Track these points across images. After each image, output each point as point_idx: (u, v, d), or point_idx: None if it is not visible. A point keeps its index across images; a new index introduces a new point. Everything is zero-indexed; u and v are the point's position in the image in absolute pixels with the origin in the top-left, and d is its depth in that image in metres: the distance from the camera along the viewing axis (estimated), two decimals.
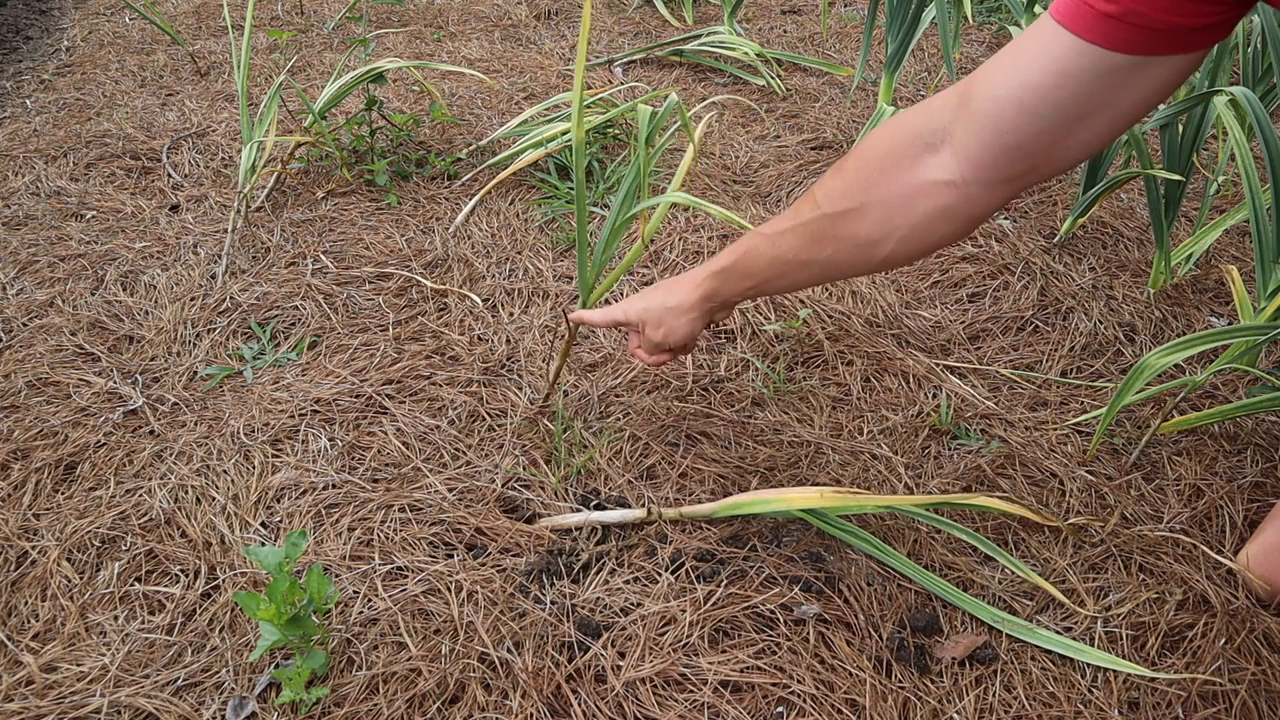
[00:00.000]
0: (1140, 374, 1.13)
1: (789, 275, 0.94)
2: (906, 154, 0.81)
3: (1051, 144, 0.73)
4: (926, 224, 0.82)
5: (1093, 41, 0.67)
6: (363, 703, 0.90)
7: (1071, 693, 0.92)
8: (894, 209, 0.82)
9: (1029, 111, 0.72)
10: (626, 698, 0.90)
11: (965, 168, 0.77)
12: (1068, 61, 0.69)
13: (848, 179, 0.86)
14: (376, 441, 1.21)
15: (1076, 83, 0.69)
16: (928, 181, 0.79)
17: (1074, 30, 0.67)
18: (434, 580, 1.02)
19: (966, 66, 2.42)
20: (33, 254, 1.60)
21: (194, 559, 1.05)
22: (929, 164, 0.79)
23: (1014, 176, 0.77)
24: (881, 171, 0.83)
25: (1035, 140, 0.73)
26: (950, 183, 0.78)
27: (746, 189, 1.82)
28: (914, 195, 0.81)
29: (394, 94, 2.22)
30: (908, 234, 0.83)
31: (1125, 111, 0.71)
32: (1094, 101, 0.70)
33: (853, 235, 0.86)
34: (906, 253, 0.85)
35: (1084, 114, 0.71)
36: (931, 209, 0.81)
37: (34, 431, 1.23)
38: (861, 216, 0.85)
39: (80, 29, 2.69)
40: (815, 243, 0.89)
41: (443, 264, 1.58)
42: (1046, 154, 0.74)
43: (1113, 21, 0.65)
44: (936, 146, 0.79)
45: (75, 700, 0.90)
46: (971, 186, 0.78)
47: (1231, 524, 1.10)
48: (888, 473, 1.17)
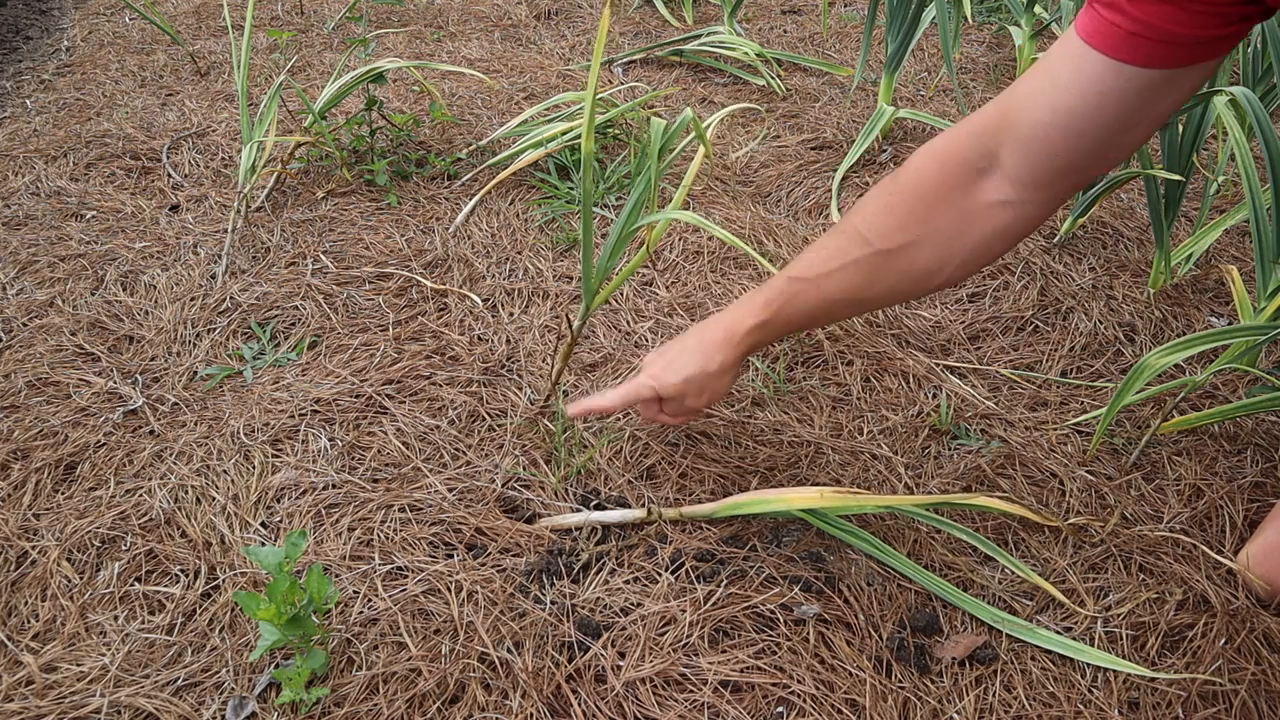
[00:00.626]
0: (1140, 374, 1.13)
1: (837, 313, 0.95)
2: (959, 182, 0.82)
3: (1097, 157, 0.76)
4: (985, 245, 0.84)
5: (1127, 62, 0.69)
6: (363, 703, 0.90)
7: (1071, 693, 0.92)
8: (953, 236, 0.84)
9: (1076, 134, 0.74)
10: (626, 698, 0.90)
11: (1018, 188, 0.79)
12: (1106, 83, 0.71)
13: (899, 214, 0.86)
14: (376, 441, 1.21)
15: (1117, 102, 0.71)
16: (985, 204, 0.81)
17: (1106, 52, 0.69)
18: (434, 580, 1.02)
19: (966, 67, 2.42)
20: (33, 254, 1.60)
21: (194, 559, 1.05)
22: (983, 188, 0.81)
23: (1064, 191, 0.81)
24: (937, 201, 0.84)
25: (1083, 158, 0.76)
26: (1007, 202, 0.81)
27: (746, 189, 1.82)
28: (974, 220, 0.82)
29: (394, 94, 2.22)
30: (967, 257, 0.85)
31: (1163, 115, 0.74)
32: (1135, 116, 0.72)
33: (910, 269, 0.86)
34: (962, 275, 0.87)
35: (1126, 127, 0.73)
36: (991, 230, 0.82)
37: (34, 431, 1.23)
38: (918, 249, 0.85)
39: (80, 29, 2.69)
40: (868, 280, 0.89)
41: (443, 264, 1.58)
42: (1093, 166, 0.78)
43: (1144, 40, 0.67)
44: (987, 171, 0.80)
45: (75, 700, 0.90)
46: (1026, 205, 0.80)
47: (1231, 524, 1.10)
48: (888, 473, 1.17)
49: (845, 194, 1.79)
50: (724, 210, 1.72)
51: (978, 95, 2.23)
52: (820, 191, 1.81)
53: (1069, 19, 2.31)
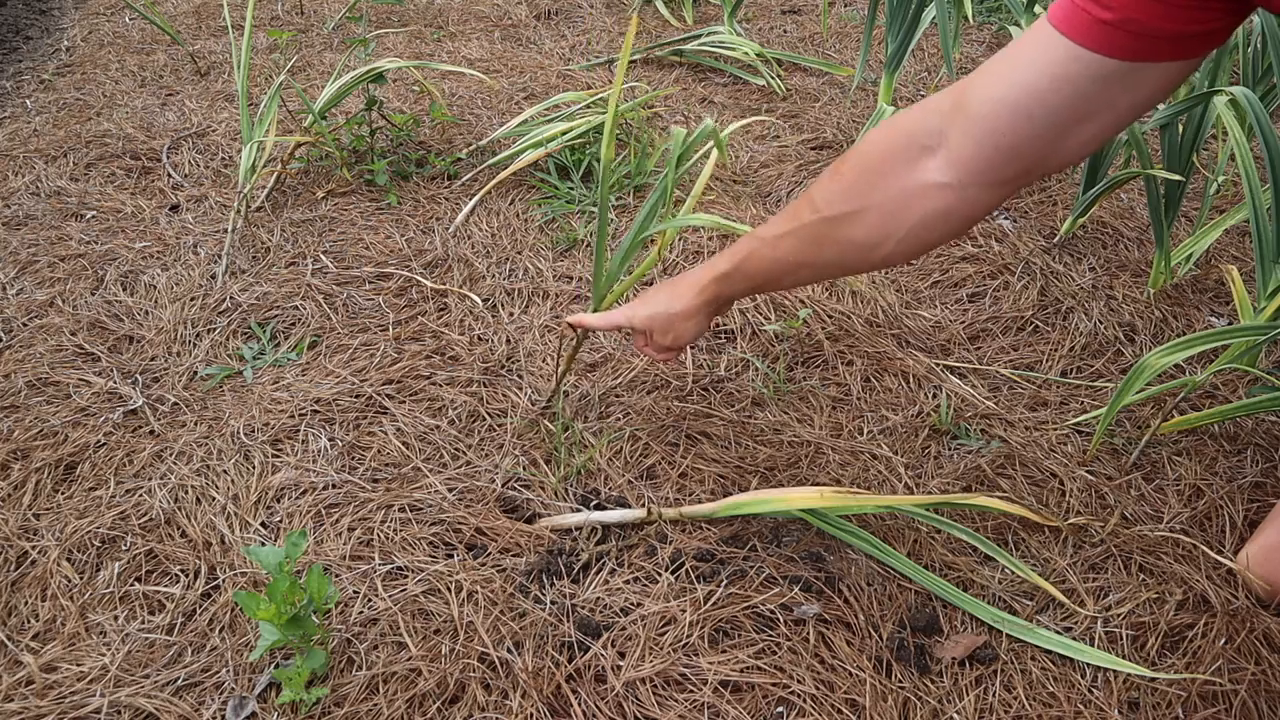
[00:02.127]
0: (1140, 374, 1.13)
1: (790, 275, 0.97)
2: (903, 157, 0.81)
3: (1047, 146, 0.74)
4: (924, 225, 0.83)
5: (1089, 48, 0.67)
6: (363, 703, 0.90)
7: (1071, 693, 0.92)
8: (892, 212, 0.83)
9: (1024, 115, 0.72)
10: (626, 698, 0.90)
11: (961, 171, 0.78)
12: (1064, 66, 0.69)
13: (845, 182, 0.87)
14: (376, 441, 1.21)
15: (1072, 87, 0.70)
16: (925, 184, 0.80)
17: (1071, 36, 0.68)
18: (434, 580, 1.02)
19: (966, 66, 2.42)
20: (33, 254, 1.60)
21: (194, 559, 1.05)
22: (926, 166, 0.80)
23: (1009, 178, 0.78)
24: (879, 174, 0.83)
25: (1030, 143, 0.74)
26: (947, 185, 0.79)
27: (746, 189, 1.82)
28: (911, 198, 0.81)
29: (394, 94, 2.22)
30: (905, 235, 0.84)
31: (1122, 114, 0.72)
32: (1090, 105, 0.70)
33: (851, 238, 0.87)
34: (905, 252, 0.86)
35: (1080, 117, 0.72)
36: (929, 211, 0.81)
37: (34, 431, 1.23)
38: (860, 220, 0.86)
39: (80, 29, 2.69)
40: (814, 246, 0.90)
41: (443, 264, 1.58)
42: (1042, 156, 0.75)
43: (1110, 28, 0.66)
44: (932, 149, 0.79)
45: (75, 700, 0.90)
46: (968, 189, 0.79)
47: (1231, 524, 1.10)
48: (888, 473, 1.17)
49: None
50: (724, 210, 1.72)
51: None
52: None
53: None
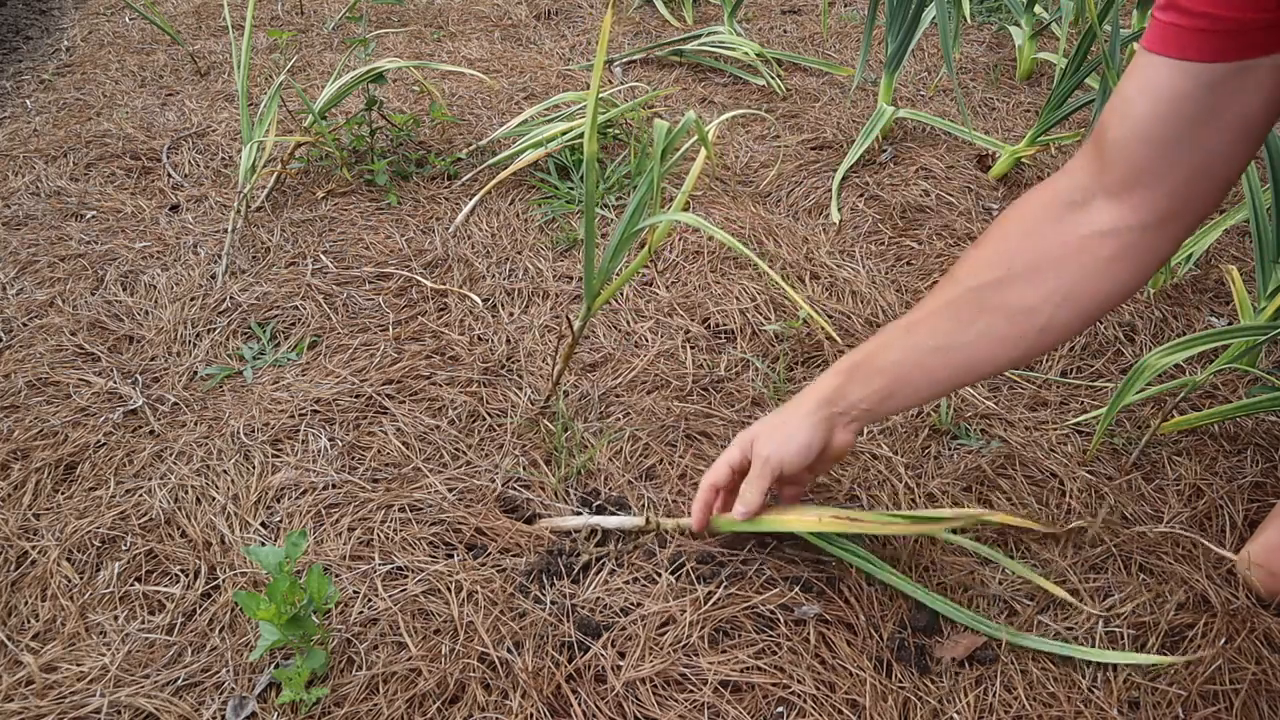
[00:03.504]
0: (1140, 374, 1.13)
1: (927, 369, 0.85)
2: (1050, 214, 0.78)
3: (1191, 172, 0.72)
4: (1087, 279, 0.78)
5: (1190, 59, 0.68)
6: (363, 703, 0.90)
7: (1071, 692, 0.92)
8: (1048, 271, 0.78)
9: (1155, 143, 0.71)
10: (626, 698, 0.90)
11: (1120, 213, 0.75)
12: (1172, 85, 0.69)
13: (989, 250, 0.82)
14: (376, 441, 1.21)
15: (1189, 102, 0.69)
16: (1081, 236, 0.77)
17: (1169, 54, 0.68)
18: (434, 580, 1.02)
19: (966, 67, 2.42)
20: (33, 254, 1.60)
21: (194, 559, 1.05)
22: (1079, 220, 0.77)
23: (1167, 217, 0.75)
24: (1027, 236, 0.79)
25: (1173, 171, 0.72)
26: (1106, 232, 0.76)
27: (746, 189, 1.82)
28: (1068, 253, 0.77)
29: (394, 94, 2.22)
30: (1066, 296, 0.78)
31: (1248, 123, 0.70)
32: (1211, 117, 0.70)
33: (1003, 304, 0.80)
34: (1067, 319, 0.80)
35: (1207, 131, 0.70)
36: (1090, 263, 0.77)
37: (34, 431, 1.23)
38: (1011, 283, 0.80)
39: (80, 29, 2.69)
40: (960, 321, 0.82)
41: (443, 264, 1.58)
42: (1190, 184, 0.73)
43: (1201, 34, 0.66)
44: (1082, 203, 0.77)
45: (75, 700, 0.90)
46: (1130, 232, 0.75)
47: (1231, 524, 1.10)
48: (888, 472, 1.17)
49: (845, 194, 1.79)
50: (724, 210, 1.72)
51: (978, 95, 2.23)
52: (820, 191, 1.81)
53: (1069, 19, 2.31)
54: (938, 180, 1.82)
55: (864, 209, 1.75)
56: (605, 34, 0.96)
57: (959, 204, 1.75)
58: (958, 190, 1.79)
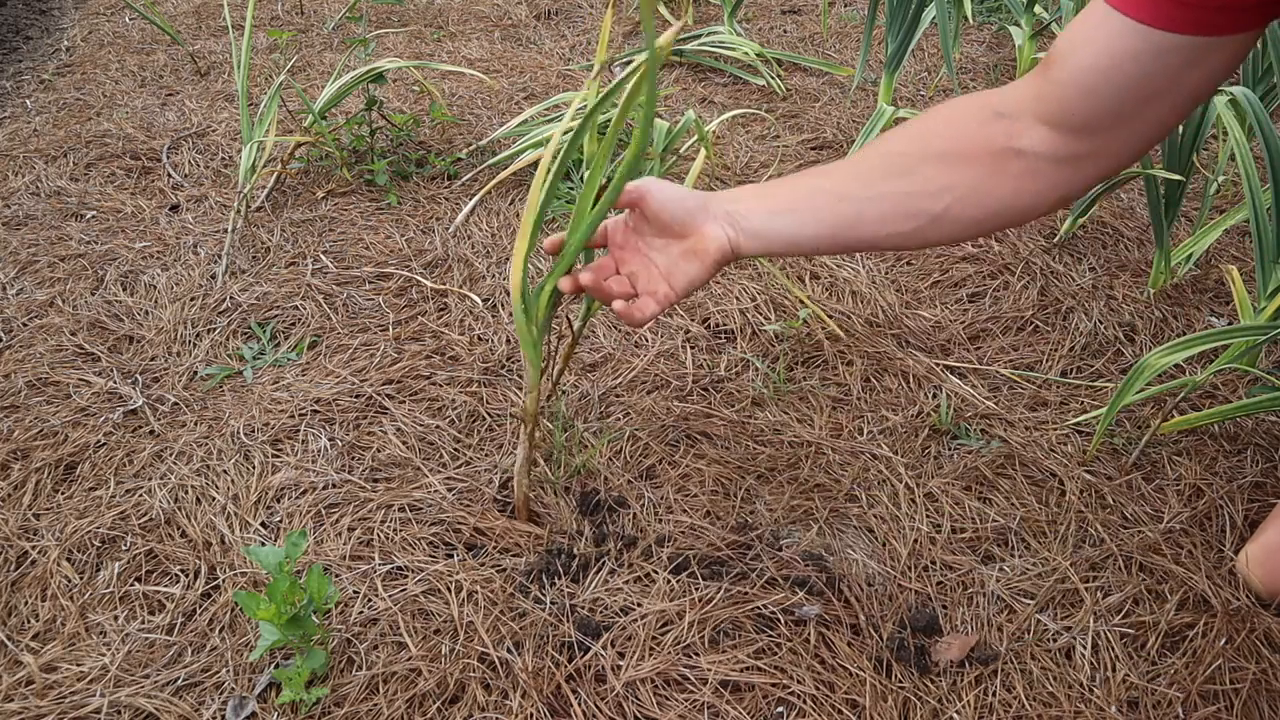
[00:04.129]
0: (1140, 374, 1.13)
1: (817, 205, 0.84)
2: (978, 116, 0.79)
3: (1116, 123, 0.73)
4: (992, 186, 0.79)
5: (1146, 23, 0.67)
6: (363, 703, 0.90)
7: (1071, 692, 0.92)
8: (959, 162, 0.79)
9: (1091, 93, 0.72)
10: (626, 698, 0.90)
11: (1040, 139, 0.76)
12: (1122, 42, 0.69)
13: (914, 128, 0.83)
14: (376, 441, 1.21)
15: (1135, 64, 0.69)
16: (998, 145, 0.77)
17: (1127, 12, 0.68)
18: (434, 580, 1.02)
19: (966, 67, 2.42)
20: (33, 254, 1.60)
21: (194, 559, 1.05)
22: (1002, 129, 0.77)
23: (1082, 156, 0.76)
24: (949, 124, 0.80)
25: (1100, 119, 0.73)
26: (1022, 151, 0.76)
27: None
28: (982, 153, 0.78)
29: (394, 94, 2.22)
30: (970, 191, 0.79)
31: (1186, 95, 0.71)
32: (1154, 82, 0.70)
33: (911, 175, 0.81)
34: (960, 216, 0.80)
35: (1146, 94, 0.71)
36: (999, 170, 0.78)
37: (34, 431, 1.23)
38: (924, 160, 0.80)
39: (80, 29, 2.69)
40: (864, 177, 0.83)
41: (443, 264, 1.58)
42: (1111, 132, 0.74)
43: (1172, 4, 0.66)
44: (1010, 116, 0.77)
45: (75, 700, 0.90)
46: (1044, 160, 0.76)
47: (1231, 524, 1.10)
48: (887, 472, 1.17)
49: None
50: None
51: None
52: None
53: (1069, 18, 2.31)
54: None
55: None
56: (605, 34, 0.96)
57: None
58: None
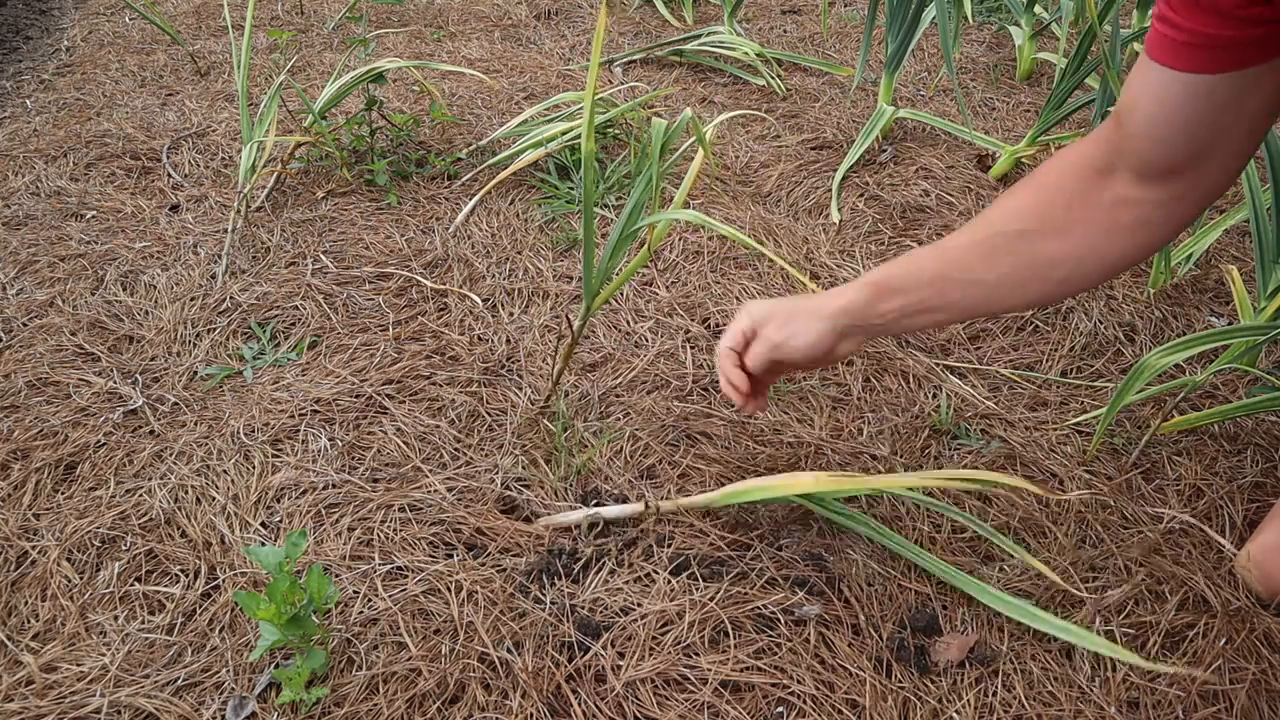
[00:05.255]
0: (1140, 374, 1.13)
1: (949, 295, 0.89)
2: (1080, 176, 0.83)
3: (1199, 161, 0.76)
4: (1109, 240, 0.83)
5: (1180, 69, 0.71)
6: (363, 702, 0.90)
7: (1071, 692, 0.92)
8: (1074, 228, 0.83)
9: (1162, 141, 0.76)
10: (626, 698, 0.90)
11: (1139, 188, 0.80)
12: (1171, 91, 0.72)
13: (1024, 199, 0.87)
14: (376, 441, 1.21)
15: (1188, 109, 0.73)
16: (1106, 201, 0.81)
17: (1165, 63, 0.72)
18: (434, 580, 1.02)
19: (966, 67, 2.42)
20: (33, 254, 1.60)
21: (194, 559, 1.05)
22: (1104, 185, 0.81)
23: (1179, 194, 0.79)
24: (1059, 191, 0.84)
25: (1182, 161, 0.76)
26: (1130, 201, 0.80)
27: (746, 189, 1.82)
28: (1094, 214, 0.82)
29: (394, 94, 2.22)
30: (1090, 251, 0.84)
31: (1253, 120, 0.74)
32: (1217, 119, 0.73)
33: (1031, 253, 0.85)
34: (1086, 273, 0.85)
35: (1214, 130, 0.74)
36: (1113, 226, 0.82)
37: (34, 431, 1.23)
38: (1041, 235, 0.85)
39: (80, 29, 2.69)
40: (987, 260, 0.87)
41: (443, 264, 1.58)
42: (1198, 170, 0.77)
43: (1187, 48, 0.69)
44: (1107, 171, 0.81)
45: (75, 700, 0.90)
46: (1147, 207, 0.80)
47: (1231, 524, 1.10)
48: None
49: (845, 194, 1.79)
50: (724, 210, 1.72)
51: (978, 95, 2.23)
52: (820, 191, 1.81)
53: (1069, 19, 2.31)
54: (938, 180, 1.82)
55: (864, 209, 1.75)
56: (600, 32, 0.96)
57: (959, 204, 1.75)
58: (958, 190, 1.79)
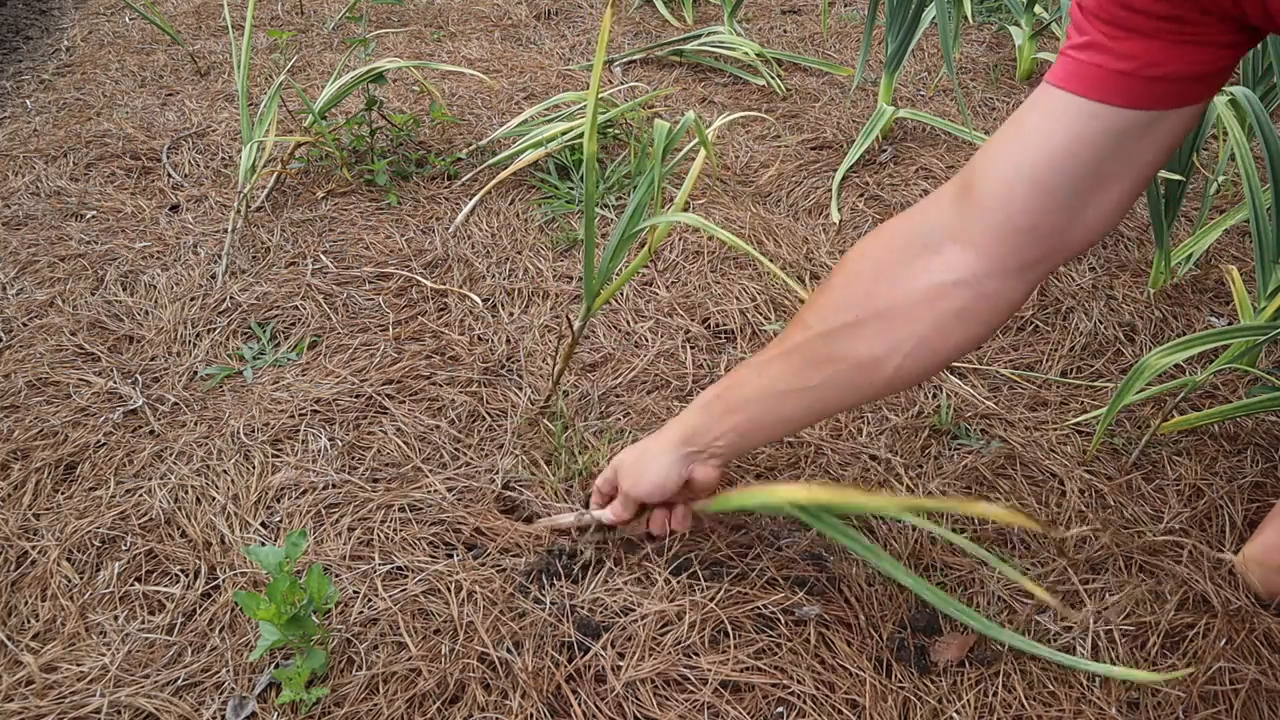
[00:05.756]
0: (1140, 374, 1.13)
1: (779, 410, 0.84)
2: (901, 258, 0.75)
3: (1069, 220, 0.69)
4: (938, 331, 0.75)
5: (1107, 102, 0.64)
6: (363, 703, 0.90)
7: (1071, 692, 0.92)
8: (896, 320, 0.75)
9: (1042, 187, 0.68)
10: (626, 698, 0.90)
11: (977, 261, 0.72)
12: (1080, 126, 0.66)
13: (836, 294, 0.79)
14: (376, 441, 1.21)
15: (1091, 148, 0.66)
16: (933, 285, 0.73)
17: (1084, 94, 0.65)
18: (434, 580, 1.02)
19: (966, 67, 2.42)
20: (33, 254, 1.60)
21: (194, 559, 1.05)
22: (930, 266, 0.73)
23: (1029, 263, 0.72)
24: (875, 280, 0.76)
25: (1051, 218, 0.69)
26: (959, 281, 0.72)
27: (747, 189, 1.82)
28: (917, 302, 0.74)
29: (394, 94, 2.22)
30: (915, 346, 0.76)
31: (1140, 173, 0.68)
32: (1109, 165, 0.67)
33: (850, 353, 0.78)
34: (915, 368, 0.77)
35: (1100, 180, 0.68)
36: (941, 314, 0.74)
37: (34, 431, 1.23)
38: (858, 331, 0.77)
39: (80, 29, 2.69)
40: (808, 367, 0.80)
41: (443, 264, 1.58)
42: (1063, 232, 0.70)
43: (1128, 79, 0.63)
44: (936, 247, 0.73)
45: (75, 700, 0.90)
46: (985, 281, 0.72)
47: (1231, 524, 1.10)
48: (887, 474, 1.17)
49: (845, 194, 1.79)
50: (724, 210, 1.72)
51: (978, 95, 2.23)
52: (820, 191, 1.81)
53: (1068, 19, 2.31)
54: (938, 180, 1.82)
55: (864, 209, 1.75)
56: (605, 34, 0.96)
57: None
58: None
